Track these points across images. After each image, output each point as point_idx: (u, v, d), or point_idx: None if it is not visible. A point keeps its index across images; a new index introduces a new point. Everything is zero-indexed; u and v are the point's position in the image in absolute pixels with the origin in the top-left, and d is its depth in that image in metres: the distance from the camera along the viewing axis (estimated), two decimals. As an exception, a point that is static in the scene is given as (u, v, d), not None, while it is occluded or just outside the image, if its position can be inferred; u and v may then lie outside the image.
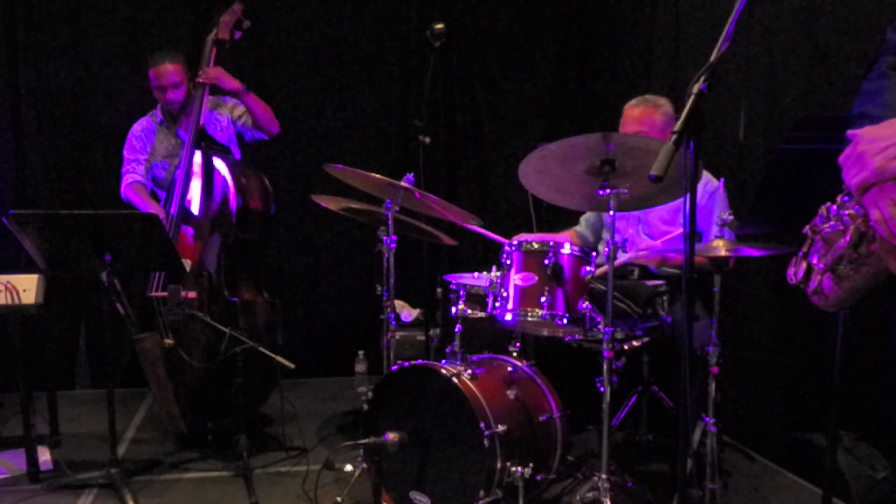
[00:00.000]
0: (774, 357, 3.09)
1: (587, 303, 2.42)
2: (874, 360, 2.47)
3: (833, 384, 2.17)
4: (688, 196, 1.57)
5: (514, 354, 2.74)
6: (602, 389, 2.32)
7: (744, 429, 3.21)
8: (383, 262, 2.93)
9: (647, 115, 2.89)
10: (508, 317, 2.50)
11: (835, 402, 2.19)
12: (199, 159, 3.33)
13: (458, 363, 2.51)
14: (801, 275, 1.40)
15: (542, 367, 2.70)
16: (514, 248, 2.54)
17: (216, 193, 3.30)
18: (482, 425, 2.26)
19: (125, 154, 3.58)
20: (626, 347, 2.66)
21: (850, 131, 1.20)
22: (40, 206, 4.10)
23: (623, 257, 2.64)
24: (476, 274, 3.07)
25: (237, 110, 3.59)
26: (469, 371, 2.43)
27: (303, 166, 4.44)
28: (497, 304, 2.54)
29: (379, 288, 3.09)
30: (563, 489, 2.62)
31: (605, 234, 3.19)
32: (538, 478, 2.44)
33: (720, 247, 2.36)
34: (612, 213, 2.34)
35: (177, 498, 2.80)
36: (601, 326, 2.36)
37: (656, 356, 2.98)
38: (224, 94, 3.56)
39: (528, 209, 3.35)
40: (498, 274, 2.56)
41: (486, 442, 2.24)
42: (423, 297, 3.76)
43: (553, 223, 3.59)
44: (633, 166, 2.33)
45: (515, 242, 2.56)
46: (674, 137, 1.50)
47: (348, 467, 2.81)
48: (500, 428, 2.30)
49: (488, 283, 2.58)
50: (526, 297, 2.47)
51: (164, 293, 3.18)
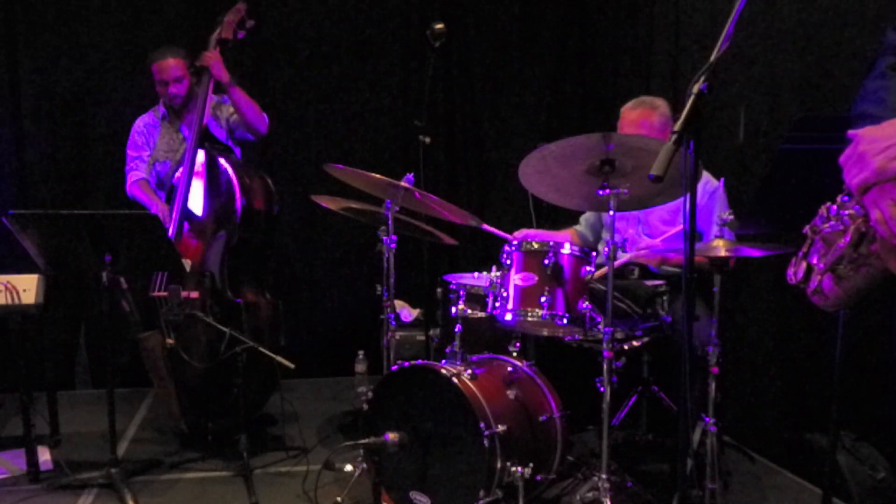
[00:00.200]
0: (774, 357, 3.09)
1: (587, 303, 2.42)
2: (874, 360, 2.47)
3: (833, 384, 2.17)
4: (688, 196, 1.57)
5: (514, 354, 2.74)
6: (602, 389, 2.32)
7: (744, 429, 3.21)
8: (383, 262, 2.93)
9: (644, 118, 2.88)
10: (508, 317, 2.50)
11: (835, 402, 2.19)
12: (202, 159, 3.33)
13: (458, 363, 2.51)
14: (801, 275, 1.40)
15: (542, 367, 2.70)
16: (514, 248, 2.54)
17: (220, 193, 3.29)
18: (482, 425, 2.25)
19: (128, 151, 3.58)
20: (626, 347, 2.66)
21: (851, 131, 1.20)
22: (40, 206, 4.10)
23: (623, 257, 2.64)
24: (476, 274, 3.08)
25: (229, 108, 3.59)
26: (469, 371, 2.43)
27: (303, 166, 4.44)
28: (497, 304, 2.54)
29: (379, 288, 3.09)
30: (563, 489, 2.62)
31: (605, 234, 3.19)
32: (538, 478, 2.44)
33: (720, 247, 2.36)
34: (611, 213, 2.35)
35: (177, 498, 2.80)
36: (601, 326, 2.36)
37: (656, 356, 2.98)
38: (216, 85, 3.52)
39: (528, 209, 3.35)
40: (498, 274, 2.56)
41: (486, 442, 2.24)
42: (423, 297, 3.76)
43: (553, 223, 3.58)
44: (632, 166, 2.33)
45: (515, 242, 2.56)
46: (674, 137, 1.50)
47: (348, 467, 2.81)
48: (500, 428, 2.30)
49: (488, 283, 2.58)
50: (526, 297, 2.47)
51: (164, 293, 3.19)
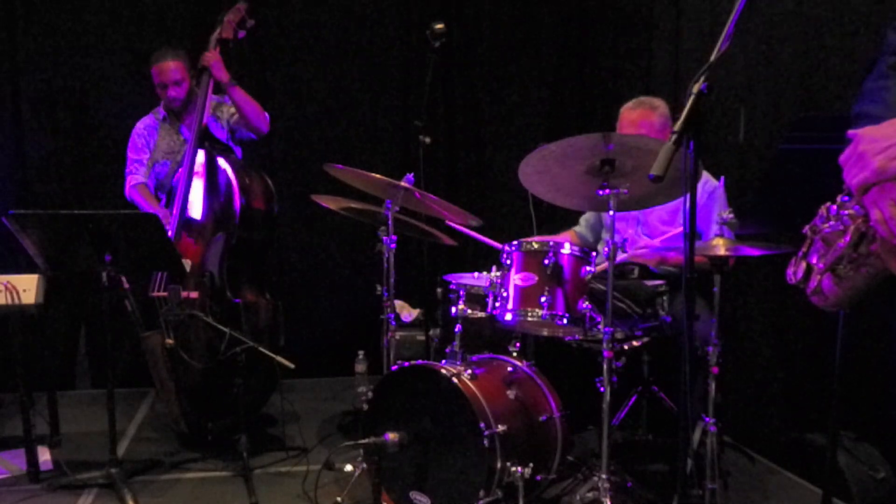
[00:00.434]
0: (774, 357, 3.09)
1: (587, 303, 2.42)
2: (874, 360, 2.47)
3: (833, 384, 2.17)
4: (688, 196, 1.57)
5: (514, 354, 2.74)
6: (602, 389, 2.32)
7: (744, 429, 3.21)
8: (383, 262, 2.93)
9: (644, 118, 2.89)
10: (508, 317, 2.50)
11: (835, 402, 2.19)
12: (202, 159, 3.33)
13: (458, 363, 2.51)
14: (800, 275, 1.40)
15: (542, 367, 2.70)
16: (514, 248, 2.54)
17: (220, 193, 3.29)
18: (482, 425, 2.25)
19: (129, 154, 3.57)
20: (626, 347, 2.66)
21: (851, 131, 1.20)
22: (40, 206, 4.10)
23: (622, 256, 2.64)
24: (476, 274, 3.07)
25: (230, 109, 3.59)
26: (469, 371, 2.43)
27: (303, 166, 4.44)
28: (497, 304, 2.54)
29: (379, 288, 3.09)
30: (563, 489, 2.62)
31: (605, 235, 3.19)
32: (538, 478, 2.44)
33: (720, 246, 2.36)
34: (611, 213, 2.34)
35: (177, 498, 2.80)
36: (601, 326, 2.36)
37: (656, 356, 2.98)
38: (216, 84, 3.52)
39: (528, 209, 3.34)
40: (498, 274, 2.56)
41: (486, 442, 2.24)
42: (423, 297, 3.76)
43: (553, 223, 3.58)
44: (632, 166, 2.33)
45: (515, 242, 2.56)
46: (674, 137, 1.50)
47: (348, 467, 2.81)
48: (500, 428, 2.29)
49: (488, 283, 2.58)
50: (526, 297, 2.47)
51: (164, 293, 3.18)
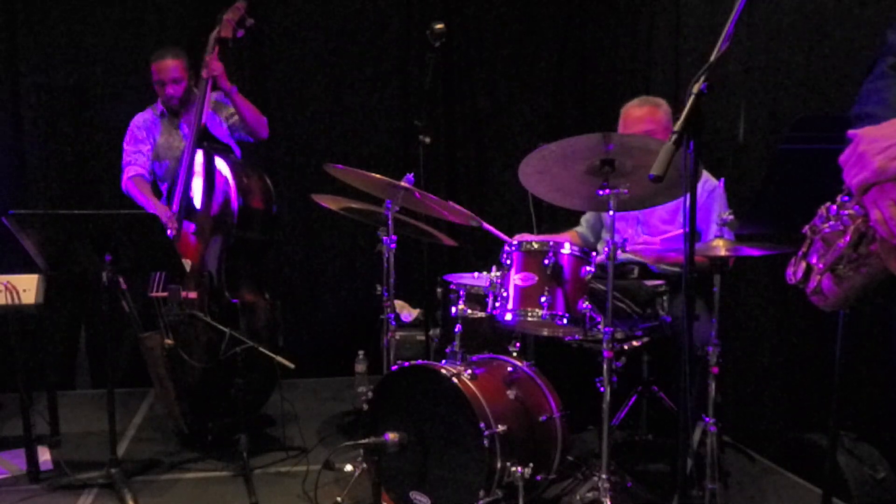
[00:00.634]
0: (774, 357, 3.09)
1: (587, 303, 2.42)
2: (874, 360, 2.47)
3: (833, 384, 2.17)
4: (688, 196, 1.57)
5: (514, 354, 2.74)
6: (602, 389, 2.32)
7: (744, 429, 3.21)
8: (383, 262, 2.93)
9: (651, 115, 2.90)
10: (508, 317, 2.50)
11: (835, 402, 2.19)
12: (200, 159, 3.33)
13: (458, 363, 2.51)
14: (800, 275, 1.40)
15: (542, 367, 2.70)
16: (514, 248, 2.54)
17: (218, 193, 3.29)
18: (482, 425, 2.25)
19: (125, 146, 3.55)
20: (626, 347, 2.66)
21: (851, 131, 1.20)
22: (40, 206, 4.10)
23: (622, 257, 2.64)
24: (476, 274, 3.07)
25: (228, 110, 3.59)
26: (469, 371, 2.43)
27: (303, 166, 4.44)
28: (497, 304, 2.54)
29: (379, 288, 3.09)
30: (563, 489, 2.62)
31: (605, 234, 3.19)
32: (538, 478, 2.44)
33: (720, 246, 2.36)
34: (611, 213, 2.34)
35: (177, 498, 2.80)
36: (601, 326, 2.36)
37: (656, 356, 2.98)
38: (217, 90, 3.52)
39: (528, 209, 3.34)
40: (498, 274, 2.56)
41: (486, 442, 2.24)
42: (423, 297, 3.76)
43: (553, 223, 3.58)
44: (632, 166, 2.33)
45: (515, 242, 2.56)
46: (674, 137, 1.50)
47: (348, 467, 2.81)
48: (500, 428, 2.29)
49: (488, 283, 2.58)
50: (526, 297, 2.47)
51: (164, 293, 3.18)
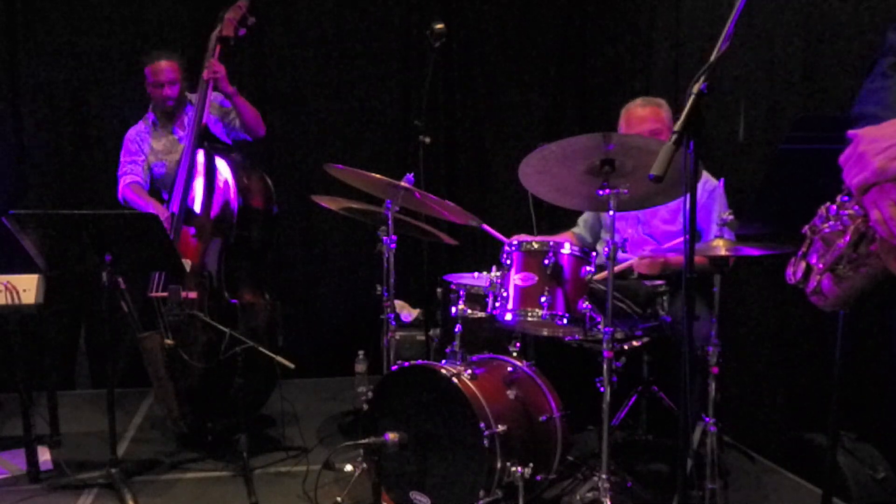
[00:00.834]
0: (774, 357, 3.09)
1: (587, 303, 2.42)
2: (874, 360, 2.47)
3: (833, 384, 2.17)
4: (688, 196, 1.57)
5: (514, 354, 2.74)
6: (602, 389, 2.32)
7: (744, 429, 3.21)
8: (383, 262, 2.93)
9: (654, 114, 2.91)
10: (508, 317, 2.50)
11: (835, 402, 2.19)
12: (201, 158, 3.33)
13: (458, 363, 2.51)
14: (800, 275, 1.40)
15: (542, 367, 2.70)
16: (514, 248, 2.54)
17: (218, 193, 3.29)
18: (482, 425, 2.25)
19: (122, 157, 3.57)
20: (626, 347, 2.66)
21: (851, 131, 1.20)
22: (40, 206, 4.10)
23: (623, 264, 2.65)
24: (476, 274, 3.07)
25: (224, 110, 3.58)
26: (469, 371, 2.43)
27: (303, 166, 4.44)
28: (497, 304, 2.54)
29: (379, 288, 3.09)
30: (563, 489, 2.62)
31: (605, 235, 3.19)
32: (538, 478, 2.44)
33: (720, 246, 2.36)
34: (611, 213, 2.35)
35: (177, 498, 2.80)
36: (601, 326, 2.36)
37: (656, 356, 2.98)
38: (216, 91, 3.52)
39: (528, 209, 3.35)
40: (498, 274, 2.56)
41: (486, 442, 2.24)
42: (423, 297, 3.76)
43: (553, 223, 3.58)
44: (633, 166, 2.33)
45: (515, 242, 2.56)
46: (674, 137, 1.50)
47: (348, 467, 2.81)
48: (500, 428, 2.30)
49: (488, 283, 2.58)
50: (526, 297, 2.47)
51: (164, 293, 3.18)
